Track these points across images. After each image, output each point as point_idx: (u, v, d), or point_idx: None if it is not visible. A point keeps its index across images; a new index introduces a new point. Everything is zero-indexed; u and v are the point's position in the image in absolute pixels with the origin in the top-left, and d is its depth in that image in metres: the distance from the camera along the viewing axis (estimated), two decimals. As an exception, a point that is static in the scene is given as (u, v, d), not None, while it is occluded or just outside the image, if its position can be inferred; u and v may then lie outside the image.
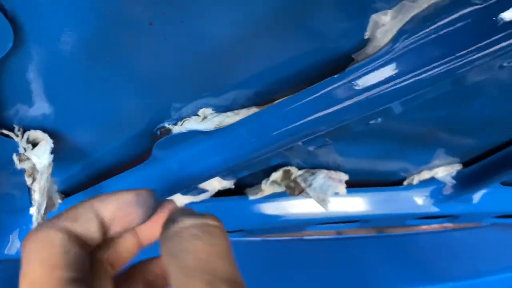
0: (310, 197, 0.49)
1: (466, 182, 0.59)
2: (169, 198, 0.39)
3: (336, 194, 0.51)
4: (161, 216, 0.25)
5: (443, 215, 0.65)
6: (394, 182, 0.61)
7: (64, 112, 0.33)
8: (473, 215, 0.68)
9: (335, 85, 0.31)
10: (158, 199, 0.25)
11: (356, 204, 0.60)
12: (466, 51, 0.27)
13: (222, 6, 0.25)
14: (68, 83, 0.30)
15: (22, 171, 0.34)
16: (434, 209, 0.62)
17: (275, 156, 0.41)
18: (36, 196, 0.34)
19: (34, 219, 0.34)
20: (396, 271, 0.89)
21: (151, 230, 0.26)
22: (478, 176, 0.58)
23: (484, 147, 0.55)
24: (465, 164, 0.59)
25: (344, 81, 0.30)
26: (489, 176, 0.57)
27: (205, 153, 0.37)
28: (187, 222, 0.22)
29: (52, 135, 0.34)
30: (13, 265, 0.49)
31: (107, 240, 0.24)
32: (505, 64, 0.34)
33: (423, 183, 0.60)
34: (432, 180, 0.59)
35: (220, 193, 0.50)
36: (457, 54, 0.27)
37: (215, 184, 0.46)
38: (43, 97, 0.31)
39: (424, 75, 0.29)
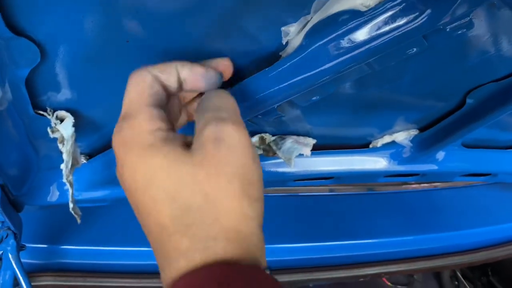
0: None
1: (423, 144, 0.69)
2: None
3: (301, 155, 0.63)
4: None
5: (407, 173, 0.75)
6: (362, 145, 0.71)
7: (80, 96, 0.46)
8: (439, 174, 0.78)
9: (274, 71, 0.43)
10: (221, 79, 0.36)
11: (329, 163, 0.71)
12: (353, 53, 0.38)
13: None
14: (80, 76, 0.43)
15: (55, 139, 0.48)
16: (397, 168, 0.73)
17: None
18: (64, 156, 0.48)
19: (63, 172, 0.49)
20: (384, 223, 1.00)
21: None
22: (432, 139, 0.68)
23: (432, 115, 0.65)
24: (422, 129, 0.69)
25: (274, 72, 0.42)
26: (441, 139, 0.67)
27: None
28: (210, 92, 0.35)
29: (73, 113, 0.47)
30: (55, 209, 0.64)
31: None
32: (409, 52, 0.44)
33: (386, 146, 0.70)
34: (393, 143, 0.70)
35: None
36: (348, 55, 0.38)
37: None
38: (65, 87, 0.44)
39: (328, 65, 0.40)
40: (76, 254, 0.78)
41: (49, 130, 0.47)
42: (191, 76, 0.35)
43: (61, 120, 0.47)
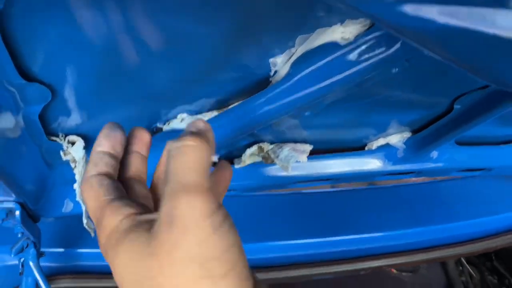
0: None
1: (416, 145, 0.73)
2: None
3: (298, 162, 0.66)
4: (141, 134, 0.38)
5: (403, 172, 0.78)
6: (358, 148, 0.75)
7: (88, 122, 0.50)
8: (434, 171, 0.81)
9: (265, 97, 0.46)
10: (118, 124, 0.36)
11: (327, 166, 0.74)
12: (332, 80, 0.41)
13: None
14: (86, 105, 0.47)
15: (67, 161, 0.52)
16: (393, 168, 0.76)
17: (241, 139, 0.57)
18: (77, 177, 0.52)
19: (76, 192, 0.53)
20: (385, 217, 1.04)
21: (141, 144, 0.38)
22: (425, 140, 0.71)
23: (423, 119, 0.68)
24: (414, 132, 0.72)
25: (265, 97, 0.45)
26: (433, 140, 0.70)
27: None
28: (171, 145, 0.28)
29: (83, 136, 0.51)
30: (69, 219, 0.69)
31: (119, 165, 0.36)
32: (393, 71, 0.47)
33: (381, 148, 0.73)
34: (388, 145, 0.73)
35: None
36: (328, 81, 0.41)
37: (204, 159, 0.63)
38: (74, 115, 0.48)
39: (313, 89, 0.43)
40: (91, 256, 0.83)
41: (61, 153, 0.51)
42: (112, 140, 0.35)
43: (72, 144, 0.51)
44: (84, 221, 0.56)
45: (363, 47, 0.38)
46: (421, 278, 1.56)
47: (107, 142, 0.35)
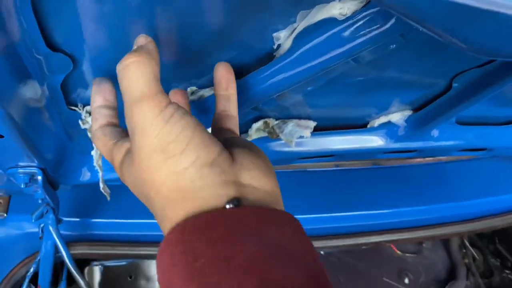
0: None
1: (416, 123, 0.75)
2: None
3: (302, 137, 0.69)
4: None
5: (404, 150, 0.81)
6: (360, 125, 0.78)
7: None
8: (435, 149, 0.83)
9: (269, 70, 0.49)
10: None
11: (330, 143, 0.78)
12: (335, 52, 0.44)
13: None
14: (105, 75, 0.50)
15: (85, 129, 0.56)
16: (394, 145, 0.79)
17: (247, 114, 0.61)
18: (94, 145, 0.56)
19: (94, 157, 0.57)
20: (388, 195, 1.07)
21: None
22: (425, 118, 0.74)
23: (423, 97, 0.70)
24: (415, 110, 0.74)
25: (269, 71, 0.49)
26: (433, 118, 0.73)
27: (194, 114, 0.57)
28: (117, 67, 0.34)
29: (100, 107, 0.55)
30: (87, 188, 0.73)
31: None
32: (390, 47, 0.50)
33: (382, 125, 0.76)
34: (389, 123, 0.76)
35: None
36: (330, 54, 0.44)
37: (213, 132, 0.66)
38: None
39: (314, 63, 0.46)
40: (105, 226, 0.88)
41: (80, 122, 0.55)
42: (103, 93, 0.42)
43: (90, 113, 0.55)
44: (101, 185, 0.60)
45: (360, 22, 0.41)
46: (424, 259, 1.59)
47: (99, 96, 0.41)
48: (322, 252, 1.50)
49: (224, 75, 0.45)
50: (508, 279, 1.50)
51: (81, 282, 0.74)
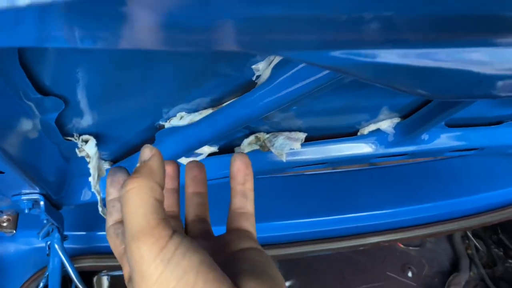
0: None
1: (405, 130, 0.77)
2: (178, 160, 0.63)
3: (292, 149, 0.72)
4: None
5: (395, 154, 0.83)
6: (350, 133, 0.80)
7: (98, 122, 0.56)
8: (427, 152, 0.85)
9: (252, 97, 0.52)
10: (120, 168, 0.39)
11: (322, 152, 0.80)
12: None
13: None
14: (95, 109, 0.53)
15: (83, 157, 0.59)
16: (385, 151, 0.81)
17: (237, 132, 0.63)
18: (91, 171, 0.59)
19: (91, 183, 0.60)
20: (385, 195, 1.09)
21: None
22: (413, 125, 0.76)
23: (410, 105, 0.72)
24: (403, 117, 0.76)
25: (252, 97, 0.51)
26: (421, 124, 0.74)
27: (187, 136, 0.60)
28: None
29: (95, 135, 0.58)
30: (86, 207, 0.76)
31: None
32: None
33: (372, 133, 0.78)
34: (378, 130, 0.78)
35: (214, 153, 0.73)
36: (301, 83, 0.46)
37: (206, 149, 0.69)
38: (85, 118, 0.54)
39: (293, 88, 0.48)
40: (110, 238, 0.91)
41: (77, 150, 0.58)
42: (117, 186, 0.38)
43: (86, 142, 0.58)
44: (100, 209, 0.63)
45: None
46: (427, 252, 1.61)
47: (112, 189, 0.37)
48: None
49: (241, 169, 0.42)
50: (511, 269, 1.52)
51: (88, 296, 0.77)
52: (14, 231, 0.91)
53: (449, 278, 1.53)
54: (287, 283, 1.48)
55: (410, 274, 1.54)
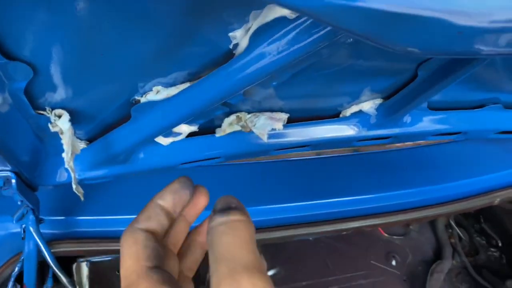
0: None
1: (387, 111, 0.77)
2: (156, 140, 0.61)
3: (273, 129, 0.71)
4: (199, 198, 0.37)
5: (377, 137, 0.82)
6: (332, 115, 0.79)
7: (72, 96, 0.54)
8: (409, 135, 0.85)
9: (230, 69, 0.50)
10: (192, 182, 0.36)
11: (304, 133, 0.79)
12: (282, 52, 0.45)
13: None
14: (68, 80, 0.51)
15: (56, 132, 0.57)
16: (367, 133, 0.80)
17: (217, 109, 0.62)
18: (64, 146, 0.57)
19: (65, 160, 0.58)
20: (368, 180, 1.09)
21: (193, 210, 0.37)
22: (395, 106, 0.75)
23: (392, 86, 0.72)
24: (385, 98, 0.76)
25: (230, 69, 0.50)
26: (403, 105, 0.74)
27: (164, 112, 0.58)
28: (218, 220, 0.29)
29: (68, 110, 0.56)
30: (63, 188, 0.74)
31: (169, 226, 0.35)
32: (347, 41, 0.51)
33: (354, 115, 0.77)
34: (361, 112, 0.77)
35: (193, 134, 0.71)
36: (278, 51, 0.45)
37: (185, 128, 0.67)
38: (58, 90, 0.52)
39: (271, 60, 0.47)
40: (89, 223, 0.89)
41: (49, 125, 0.56)
42: (176, 199, 0.34)
43: (59, 116, 0.56)
44: (74, 186, 0.61)
45: (309, 21, 0.42)
46: (411, 241, 1.62)
47: (171, 198, 0.34)
48: (310, 238, 1.53)
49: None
50: (493, 257, 1.54)
51: (64, 280, 0.75)
52: (-11, 216, 0.88)
53: (432, 266, 1.54)
54: (272, 271, 1.48)
55: (394, 262, 1.55)
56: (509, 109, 0.89)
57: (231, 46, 0.48)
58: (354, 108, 0.77)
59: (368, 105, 0.76)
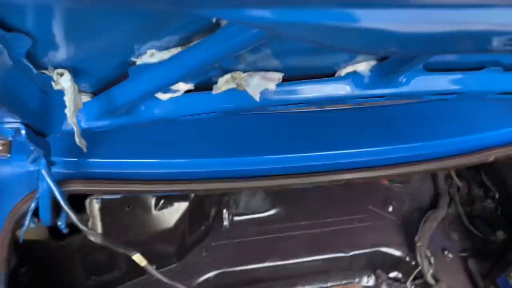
0: (251, 91, 0.73)
1: (382, 72, 0.78)
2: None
3: (267, 89, 0.73)
4: None
5: (372, 96, 0.84)
6: (328, 75, 0.81)
7: (72, 56, 0.58)
8: (405, 95, 0.86)
9: (217, 37, 0.53)
10: None
11: (300, 92, 0.81)
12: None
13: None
14: (66, 43, 0.55)
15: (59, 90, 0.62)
16: (361, 92, 0.82)
17: (209, 70, 0.65)
18: (67, 103, 0.62)
19: (67, 116, 0.63)
20: (367, 134, 1.12)
21: None
22: (389, 67, 0.76)
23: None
24: (380, 60, 0.77)
25: (219, 36, 0.52)
26: (397, 67, 0.75)
27: (159, 73, 0.62)
28: None
29: (70, 69, 0.60)
30: (68, 136, 0.80)
31: None
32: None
33: (349, 74, 0.79)
34: (355, 72, 0.79)
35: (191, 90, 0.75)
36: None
37: (182, 86, 0.71)
38: (58, 52, 0.56)
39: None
40: (101, 165, 0.96)
41: (52, 83, 0.60)
42: None
43: (61, 75, 0.60)
44: (77, 140, 0.67)
45: None
46: (410, 189, 1.67)
47: None
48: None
49: None
50: (488, 208, 1.58)
51: (73, 217, 0.83)
52: (8, 155, 0.95)
53: (426, 214, 1.60)
54: (273, 211, 1.57)
55: (390, 208, 1.62)
56: (509, 71, 0.89)
57: (214, 20, 0.50)
58: (350, 68, 0.78)
59: (363, 66, 0.78)
